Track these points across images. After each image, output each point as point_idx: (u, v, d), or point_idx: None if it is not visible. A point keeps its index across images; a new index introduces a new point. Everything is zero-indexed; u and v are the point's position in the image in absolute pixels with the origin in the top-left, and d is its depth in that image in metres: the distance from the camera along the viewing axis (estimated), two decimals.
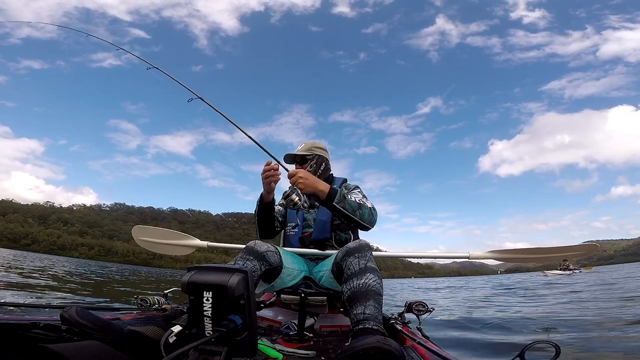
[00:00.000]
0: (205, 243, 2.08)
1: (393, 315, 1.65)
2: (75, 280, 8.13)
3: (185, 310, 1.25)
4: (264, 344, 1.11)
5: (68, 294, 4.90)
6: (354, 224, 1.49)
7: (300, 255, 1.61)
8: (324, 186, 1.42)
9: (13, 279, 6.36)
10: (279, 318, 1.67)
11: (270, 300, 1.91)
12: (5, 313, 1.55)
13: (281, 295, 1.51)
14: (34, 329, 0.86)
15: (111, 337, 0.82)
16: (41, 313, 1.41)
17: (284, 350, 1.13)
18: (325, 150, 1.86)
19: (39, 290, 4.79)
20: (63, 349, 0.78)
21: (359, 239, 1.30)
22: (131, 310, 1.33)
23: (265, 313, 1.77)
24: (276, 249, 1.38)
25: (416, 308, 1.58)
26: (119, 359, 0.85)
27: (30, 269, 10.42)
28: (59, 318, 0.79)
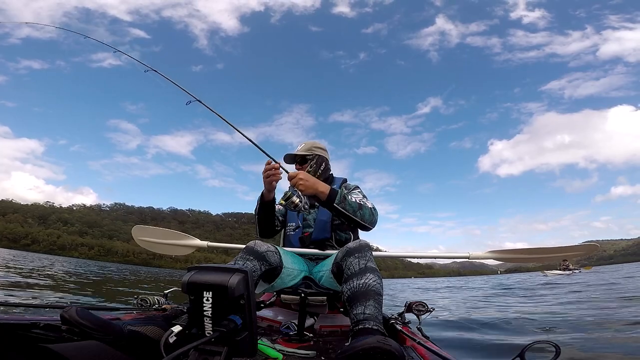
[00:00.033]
0: (205, 243, 2.08)
1: (393, 315, 1.65)
2: (75, 280, 8.13)
3: (185, 310, 1.25)
4: (264, 344, 1.11)
5: (68, 294, 4.90)
6: (354, 224, 1.49)
7: (300, 255, 1.61)
8: (325, 187, 1.42)
9: (13, 279, 6.36)
10: (279, 318, 1.67)
11: (270, 300, 1.91)
12: (5, 313, 1.55)
13: (281, 295, 1.51)
14: (34, 329, 0.86)
15: (111, 337, 0.82)
16: (41, 313, 1.41)
17: (284, 350, 1.13)
18: (325, 150, 1.86)
19: (39, 290, 4.79)
20: (63, 349, 0.78)
21: (359, 239, 1.30)
22: (131, 310, 1.33)
23: (265, 313, 1.77)
24: (276, 249, 1.38)
25: (416, 308, 1.58)
26: (119, 359, 0.85)
27: (30, 269, 10.42)
28: (59, 318, 0.79)
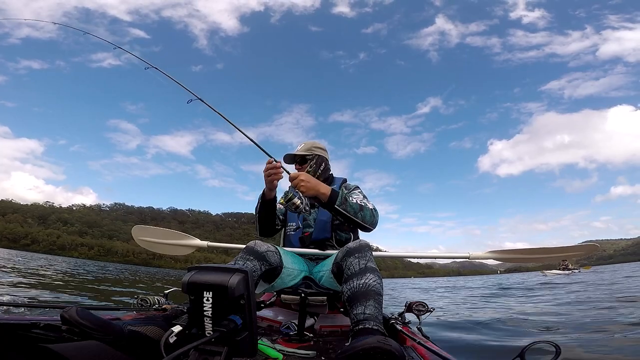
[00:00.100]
0: (205, 243, 2.08)
1: (393, 315, 1.65)
2: (75, 280, 8.13)
3: (185, 310, 1.25)
4: (264, 344, 1.11)
5: (68, 294, 4.89)
6: (355, 225, 1.50)
7: (301, 255, 1.61)
8: (326, 189, 1.42)
9: (12, 279, 6.35)
10: (279, 318, 1.66)
11: (271, 300, 1.91)
12: (5, 313, 1.55)
13: (281, 295, 1.51)
14: (34, 329, 0.86)
15: (111, 337, 0.82)
16: (41, 313, 1.41)
17: (284, 350, 1.13)
18: (325, 150, 1.86)
19: (39, 290, 4.79)
20: (63, 349, 0.78)
21: (359, 239, 1.30)
22: (131, 310, 1.33)
23: (266, 313, 1.76)
24: (276, 249, 1.38)
25: (416, 308, 1.58)
26: (119, 359, 0.85)
27: (30, 269, 10.42)
28: (59, 318, 0.79)
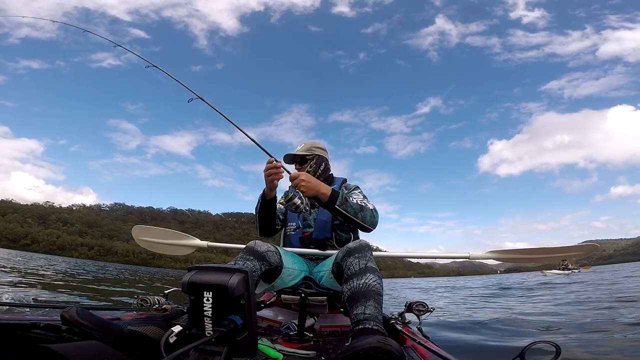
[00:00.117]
0: (205, 243, 2.08)
1: (393, 315, 1.65)
2: (75, 280, 8.13)
3: (185, 310, 1.25)
4: (264, 344, 1.11)
5: (68, 294, 4.89)
6: (355, 225, 1.50)
7: (301, 255, 1.61)
8: (326, 189, 1.42)
9: (12, 279, 6.35)
10: (279, 318, 1.66)
11: (271, 300, 1.91)
12: (5, 313, 1.55)
13: (281, 295, 1.51)
14: (34, 329, 0.86)
15: (111, 337, 0.82)
16: (41, 313, 1.41)
17: (284, 351, 1.13)
18: (325, 150, 1.86)
19: (39, 290, 4.79)
20: (63, 349, 0.78)
21: (359, 239, 1.30)
22: (131, 311, 1.33)
23: (266, 313, 1.76)
24: (276, 249, 1.38)
25: (416, 308, 1.58)
26: (119, 359, 0.85)
27: (30, 269, 10.41)
28: (59, 318, 0.79)
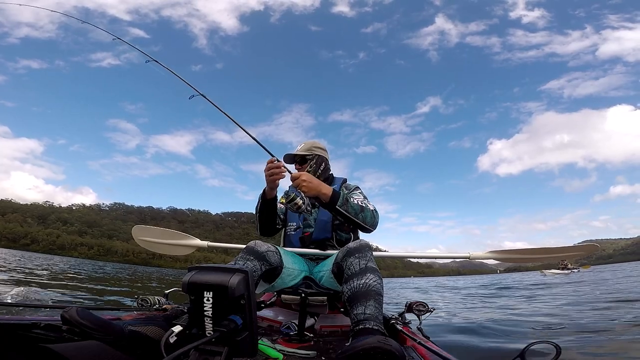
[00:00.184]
0: (205, 243, 2.08)
1: (393, 315, 1.65)
2: (75, 280, 8.12)
3: (185, 310, 1.25)
4: (264, 344, 1.11)
5: (68, 294, 4.89)
6: (355, 226, 1.50)
7: (301, 255, 1.61)
8: (327, 189, 1.42)
9: (12, 278, 6.35)
10: (280, 318, 1.66)
11: (271, 300, 1.91)
12: (6, 313, 1.55)
13: (281, 295, 1.51)
14: (34, 329, 0.86)
15: (112, 337, 0.81)
16: (42, 313, 1.41)
17: (284, 351, 1.13)
18: (325, 150, 1.86)
19: (39, 290, 4.78)
20: (63, 349, 0.78)
21: (360, 239, 1.30)
22: (132, 310, 1.33)
23: (266, 313, 1.76)
24: (276, 249, 1.38)
25: (416, 308, 1.58)
26: (119, 359, 0.85)
27: (29, 268, 10.41)
28: (59, 318, 0.79)
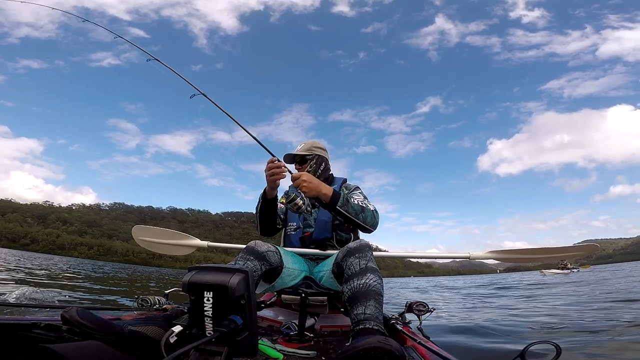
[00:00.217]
0: (205, 243, 2.08)
1: (393, 315, 1.65)
2: (75, 280, 8.12)
3: (186, 310, 1.25)
4: (264, 344, 1.11)
5: (68, 294, 4.89)
6: (356, 226, 1.50)
7: (301, 255, 1.61)
8: (328, 190, 1.42)
9: (13, 278, 6.35)
10: (280, 318, 1.66)
11: (271, 300, 1.91)
12: (6, 313, 1.55)
13: (282, 296, 1.51)
14: (34, 329, 0.86)
15: (112, 337, 0.81)
16: (42, 313, 1.41)
17: (284, 351, 1.13)
18: (325, 150, 1.86)
19: (40, 290, 4.78)
20: (64, 349, 0.78)
21: (360, 239, 1.30)
22: (132, 310, 1.33)
23: (266, 313, 1.76)
24: (276, 249, 1.38)
25: (417, 308, 1.58)
26: (119, 359, 0.85)
27: (29, 268, 10.41)
28: (59, 318, 0.79)
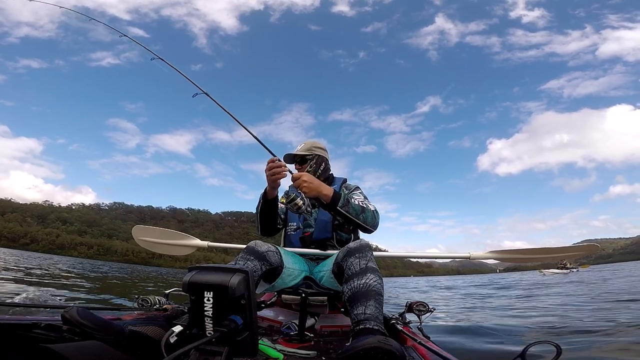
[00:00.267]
0: (205, 243, 2.08)
1: (394, 315, 1.65)
2: (75, 280, 8.12)
3: (186, 310, 1.25)
4: (264, 344, 1.11)
5: (68, 293, 4.89)
6: (356, 227, 1.50)
7: (301, 255, 1.62)
8: (328, 190, 1.42)
9: (13, 278, 6.35)
10: (280, 318, 1.67)
11: (271, 300, 1.91)
12: (6, 313, 1.55)
13: (282, 296, 1.51)
14: (35, 329, 0.86)
15: (112, 337, 0.81)
16: (42, 313, 1.41)
17: (284, 351, 1.13)
18: (325, 150, 1.86)
19: (40, 290, 4.78)
20: (64, 349, 0.78)
21: (360, 239, 1.30)
22: (132, 310, 1.33)
23: (266, 313, 1.76)
24: (277, 248, 1.38)
25: (417, 308, 1.58)
26: (119, 359, 0.85)
27: (29, 268, 10.41)
28: (60, 318, 0.79)
